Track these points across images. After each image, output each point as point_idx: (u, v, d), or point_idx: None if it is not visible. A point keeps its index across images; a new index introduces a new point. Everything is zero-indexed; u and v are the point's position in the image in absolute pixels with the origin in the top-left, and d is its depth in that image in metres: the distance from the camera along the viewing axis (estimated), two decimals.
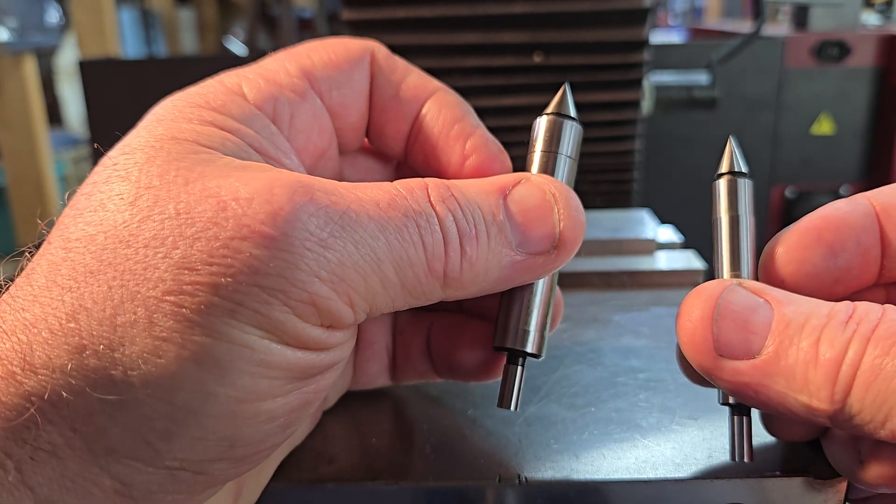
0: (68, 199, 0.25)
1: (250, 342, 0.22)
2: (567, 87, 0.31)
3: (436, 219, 0.25)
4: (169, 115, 0.26)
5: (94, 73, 1.29)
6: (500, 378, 0.30)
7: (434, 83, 0.32)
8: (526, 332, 0.29)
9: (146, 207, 0.22)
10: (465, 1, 0.57)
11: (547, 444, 0.30)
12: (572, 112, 0.30)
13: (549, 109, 0.30)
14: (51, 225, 0.24)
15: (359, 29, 0.58)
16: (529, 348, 0.29)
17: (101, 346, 0.20)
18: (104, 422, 0.21)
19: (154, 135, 0.25)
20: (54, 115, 3.13)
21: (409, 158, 0.33)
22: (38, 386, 0.20)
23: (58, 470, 0.20)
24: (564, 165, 0.30)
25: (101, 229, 0.22)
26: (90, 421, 0.20)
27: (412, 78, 0.32)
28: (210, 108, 0.26)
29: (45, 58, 3.08)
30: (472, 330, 0.32)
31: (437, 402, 0.34)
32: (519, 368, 0.29)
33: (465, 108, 0.32)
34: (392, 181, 0.25)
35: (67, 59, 3.12)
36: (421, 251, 0.24)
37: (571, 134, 0.30)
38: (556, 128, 0.30)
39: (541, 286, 0.29)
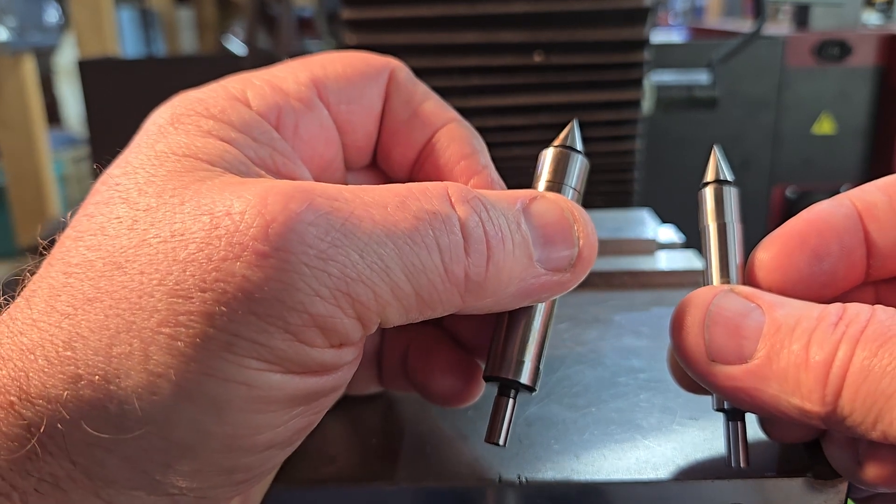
0: (70, 217, 0.24)
1: (248, 378, 0.20)
2: (575, 122, 0.30)
3: (455, 219, 0.23)
4: (168, 126, 0.25)
5: (93, 72, 1.30)
6: (469, 405, 0.30)
7: (450, 113, 0.31)
8: (521, 363, 0.27)
9: (142, 231, 0.21)
10: (465, 0, 0.57)
11: (547, 444, 0.30)
12: (579, 146, 0.30)
13: (557, 142, 0.30)
14: (52, 244, 0.24)
15: (358, 28, 0.58)
16: (524, 379, 0.27)
17: (97, 377, 0.20)
18: (101, 454, 0.20)
19: (154, 151, 0.24)
20: (53, 114, 3.13)
21: None
22: (35, 417, 0.20)
23: (61, 501, 0.20)
24: (570, 198, 0.29)
25: (99, 255, 0.21)
26: (88, 453, 0.20)
27: (429, 105, 0.31)
28: (209, 116, 0.26)
29: (45, 57, 3.08)
30: (447, 355, 0.30)
31: None
32: (511, 401, 0.27)
33: (475, 145, 0.30)
34: None
35: (67, 58, 3.13)
36: (436, 255, 0.22)
37: (578, 166, 0.29)
38: (562, 159, 0.29)
39: (539, 316, 0.28)
